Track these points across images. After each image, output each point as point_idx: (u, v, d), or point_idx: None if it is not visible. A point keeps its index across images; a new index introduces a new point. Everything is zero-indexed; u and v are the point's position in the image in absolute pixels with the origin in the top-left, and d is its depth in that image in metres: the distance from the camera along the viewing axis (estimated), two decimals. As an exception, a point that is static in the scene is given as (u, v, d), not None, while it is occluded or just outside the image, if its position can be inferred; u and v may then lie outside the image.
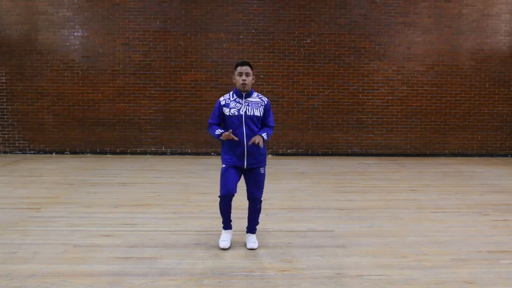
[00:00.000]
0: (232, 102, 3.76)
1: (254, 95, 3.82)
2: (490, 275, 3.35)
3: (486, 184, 6.60)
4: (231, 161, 3.75)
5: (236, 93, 3.78)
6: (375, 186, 6.43)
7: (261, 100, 3.81)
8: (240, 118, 3.71)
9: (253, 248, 3.85)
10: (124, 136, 9.07)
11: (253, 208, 3.86)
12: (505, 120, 9.31)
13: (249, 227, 3.96)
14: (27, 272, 3.30)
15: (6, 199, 5.46)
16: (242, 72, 3.69)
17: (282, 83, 9.01)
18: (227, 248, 3.83)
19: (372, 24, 8.93)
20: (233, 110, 3.72)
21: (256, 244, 3.89)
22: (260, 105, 3.78)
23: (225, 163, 3.77)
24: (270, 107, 3.85)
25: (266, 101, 3.83)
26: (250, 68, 3.74)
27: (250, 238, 3.93)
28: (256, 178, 3.78)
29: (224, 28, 8.86)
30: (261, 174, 3.80)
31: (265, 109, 3.80)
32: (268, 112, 3.82)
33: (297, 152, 9.20)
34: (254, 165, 3.77)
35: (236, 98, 3.77)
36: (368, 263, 3.54)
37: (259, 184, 3.80)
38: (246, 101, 3.76)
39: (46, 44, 8.81)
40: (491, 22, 9.02)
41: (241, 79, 3.69)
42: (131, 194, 5.75)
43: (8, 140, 9.07)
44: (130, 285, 3.12)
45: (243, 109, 3.73)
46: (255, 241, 3.92)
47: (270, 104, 3.87)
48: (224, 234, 3.93)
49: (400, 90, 9.12)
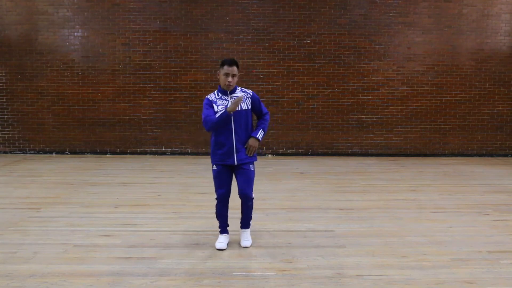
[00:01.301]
0: (218, 100, 3.76)
1: (238, 90, 3.82)
2: (490, 275, 3.35)
3: (486, 184, 6.60)
4: (220, 161, 3.76)
5: (221, 92, 3.79)
6: (375, 186, 6.43)
7: (246, 93, 3.82)
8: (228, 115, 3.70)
9: (246, 246, 3.85)
10: (124, 136, 9.07)
11: (245, 205, 3.85)
12: (505, 120, 9.31)
13: (242, 222, 3.96)
14: (27, 272, 3.30)
15: (6, 199, 5.46)
16: (229, 74, 3.68)
17: (282, 83, 9.01)
18: (223, 249, 3.82)
19: (372, 24, 8.94)
20: (220, 107, 3.72)
21: (249, 242, 3.89)
22: (247, 97, 3.79)
23: (215, 163, 3.79)
24: (257, 97, 3.86)
25: (251, 92, 3.84)
26: (237, 69, 3.73)
27: (244, 235, 3.93)
28: (245, 175, 3.77)
29: (224, 28, 8.86)
30: (251, 171, 3.80)
31: (252, 100, 3.80)
32: (258, 102, 3.83)
33: (297, 152, 9.20)
34: (244, 161, 3.76)
35: (222, 96, 3.78)
36: (368, 263, 3.54)
37: (250, 181, 3.79)
38: (231, 97, 3.77)
39: (46, 44, 8.82)
40: (491, 22, 9.02)
41: (227, 80, 3.69)
42: (131, 194, 5.75)
43: (8, 140, 9.07)
44: (130, 285, 3.12)
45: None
46: (248, 238, 3.92)
47: (256, 94, 3.88)
48: (221, 237, 3.93)
49: (400, 90, 9.12)
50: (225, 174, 3.77)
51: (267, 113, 3.92)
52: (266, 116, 3.91)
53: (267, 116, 3.92)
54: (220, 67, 3.73)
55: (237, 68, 3.72)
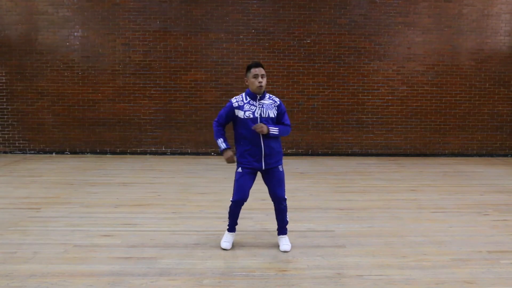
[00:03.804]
0: (246, 104, 3.70)
1: (267, 96, 3.78)
2: (490, 275, 3.35)
3: (486, 184, 6.60)
4: (248, 165, 3.70)
5: (250, 95, 3.72)
6: (375, 186, 6.43)
7: (273, 101, 3.78)
8: (256, 121, 3.66)
9: (286, 250, 3.78)
10: (124, 136, 9.07)
11: (279, 208, 3.81)
12: (505, 120, 9.31)
13: (280, 228, 3.90)
14: (27, 272, 3.30)
15: (6, 199, 5.46)
16: (258, 74, 3.64)
17: (282, 83, 9.01)
18: (228, 249, 3.82)
19: (372, 24, 8.93)
20: (248, 113, 3.66)
21: (289, 247, 3.81)
22: (274, 106, 3.75)
23: (242, 166, 3.72)
24: (284, 107, 3.81)
25: (278, 101, 3.79)
26: (263, 69, 3.70)
27: (283, 240, 3.86)
28: (276, 177, 3.75)
29: (224, 28, 8.86)
30: (280, 172, 3.77)
31: (279, 110, 3.76)
32: (283, 113, 3.79)
33: (297, 152, 9.20)
34: (272, 165, 3.73)
35: (250, 101, 3.71)
36: (368, 263, 3.54)
37: (281, 182, 3.76)
38: (260, 103, 3.71)
39: (46, 44, 8.81)
40: (491, 22, 9.02)
41: (258, 81, 3.63)
42: (131, 194, 5.75)
43: (8, 140, 9.07)
44: (130, 285, 3.12)
45: (258, 112, 3.68)
46: (287, 243, 3.85)
47: (283, 104, 3.83)
48: (228, 235, 3.90)
49: (400, 90, 9.12)
50: (249, 179, 3.72)
51: (289, 125, 3.84)
52: (288, 127, 3.81)
53: (288, 127, 3.82)
54: (247, 72, 3.69)
55: (263, 69, 3.69)
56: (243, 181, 3.70)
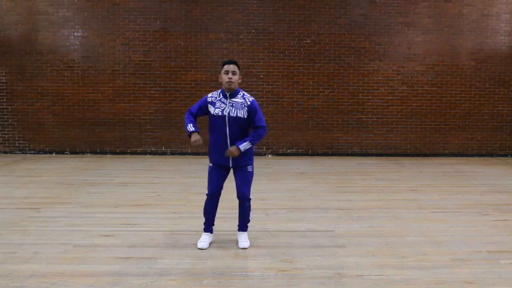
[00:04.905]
0: (218, 101, 3.74)
1: (240, 95, 3.73)
2: (490, 275, 3.35)
3: (486, 184, 6.60)
4: (217, 161, 3.81)
5: (222, 93, 3.76)
6: (375, 186, 6.43)
7: (245, 100, 3.71)
8: (224, 119, 3.70)
9: (245, 247, 3.83)
10: (124, 136, 9.07)
11: (242, 206, 3.86)
12: (505, 120, 9.31)
13: (240, 225, 3.96)
14: (27, 272, 3.30)
15: (6, 199, 5.46)
16: (229, 71, 3.65)
17: (282, 83, 9.01)
18: (205, 249, 3.80)
19: (372, 24, 8.93)
20: (217, 110, 3.71)
21: (247, 244, 3.87)
22: (244, 106, 3.69)
23: (212, 162, 3.84)
24: (255, 107, 3.71)
25: (250, 101, 3.71)
26: (237, 67, 3.70)
27: (242, 237, 3.92)
28: (244, 176, 3.79)
29: (224, 28, 8.86)
30: (249, 172, 3.80)
31: (249, 110, 3.68)
32: (254, 113, 3.70)
33: (297, 152, 9.20)
34: (240, 164, 3.77)
35: (222, 98, 3.74)
36: (368, 263, 3.54)
37: (247, 182, 3.80)
38: (230, 101, 3.72)
39: (46, 44, 8.81)
40: (491, 22, 9.02)
41: (227, 77, 3.64)
42: (131, 194, 5.75)
43: (8, 140, 9.07)
44: (130, 285, 3.12)
45: (227, 110, 3.69)
46: (246, 240, 3.90)
47: (255, 103, 3.73)
48: (204, 236, 3.91)
49: (400, 90, 9.12)
50: (219, 172, 3.82)
51: (262, 127, 3.72)
52: (260, 130, 3.72)
53: (261, 130, 3.72)
54: (221, 69, 3.73)
55: (237, 67, 3.70)
56: (214, 174, 3.81)
